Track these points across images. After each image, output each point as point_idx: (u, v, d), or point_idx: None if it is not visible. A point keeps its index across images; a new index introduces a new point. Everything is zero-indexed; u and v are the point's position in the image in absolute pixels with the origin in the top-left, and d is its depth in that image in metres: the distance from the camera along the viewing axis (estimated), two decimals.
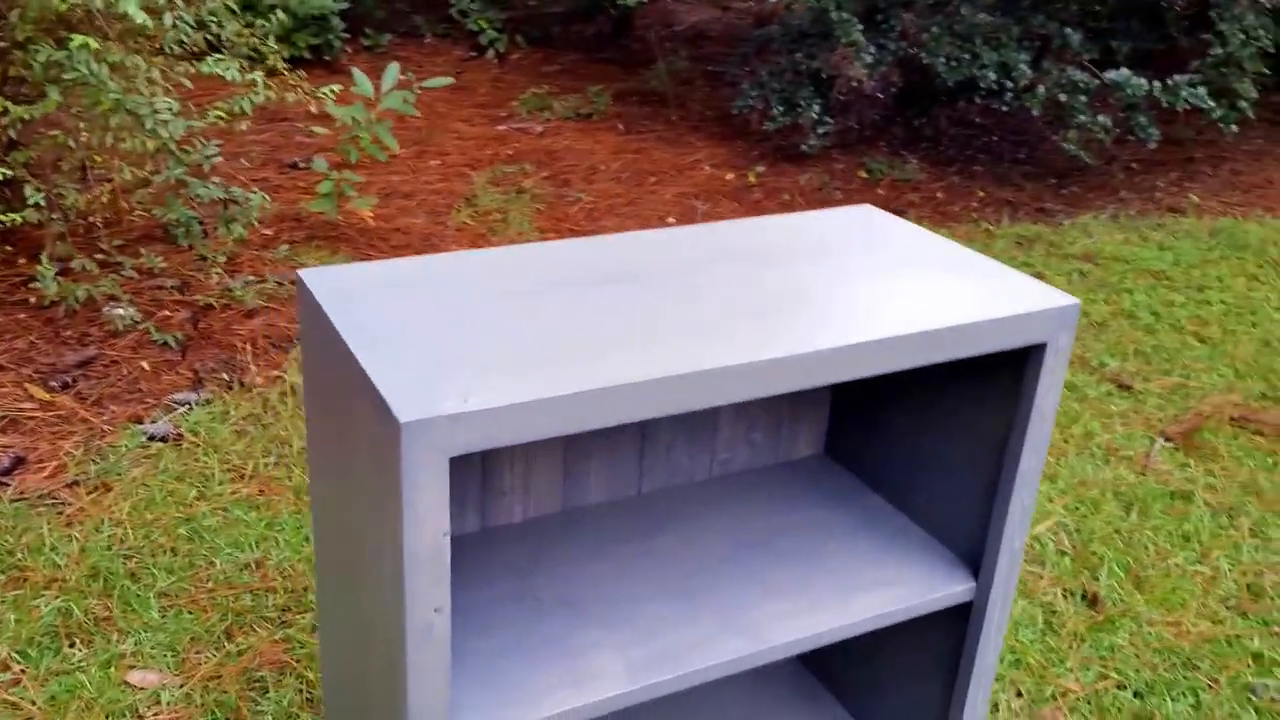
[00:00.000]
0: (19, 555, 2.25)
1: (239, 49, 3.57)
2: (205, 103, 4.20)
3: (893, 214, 1.97)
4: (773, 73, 4.83)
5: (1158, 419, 3.00)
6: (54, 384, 2.82)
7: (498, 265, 1.31)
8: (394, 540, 1.03)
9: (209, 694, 1.95)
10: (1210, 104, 4.35)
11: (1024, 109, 4.65)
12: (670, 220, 4.19)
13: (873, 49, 4.53)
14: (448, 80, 3.90)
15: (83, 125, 3.17)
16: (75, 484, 2.47)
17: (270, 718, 1.91)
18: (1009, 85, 4.53)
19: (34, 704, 1.90)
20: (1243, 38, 4.33)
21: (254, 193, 3.58)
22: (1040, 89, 4.47)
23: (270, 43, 3.68)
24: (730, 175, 4.70)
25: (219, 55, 3.38)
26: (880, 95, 5.74)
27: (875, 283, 1.33)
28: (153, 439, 2.64)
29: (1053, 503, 2.62)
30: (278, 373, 2.96)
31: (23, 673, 1.97)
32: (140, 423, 2.71)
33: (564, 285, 1.26)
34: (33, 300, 3.15)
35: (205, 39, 3.48)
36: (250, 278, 3.43)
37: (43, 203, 3.08)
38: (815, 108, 4.69)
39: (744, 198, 4.46)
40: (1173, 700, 2.06)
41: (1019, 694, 2.06)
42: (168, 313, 3.20)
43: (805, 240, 1.46)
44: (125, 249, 3.46)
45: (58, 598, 2.14)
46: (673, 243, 1.42)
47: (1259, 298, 3.80)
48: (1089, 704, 2.04)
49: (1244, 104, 4.44)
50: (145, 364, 2.95)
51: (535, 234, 3.98)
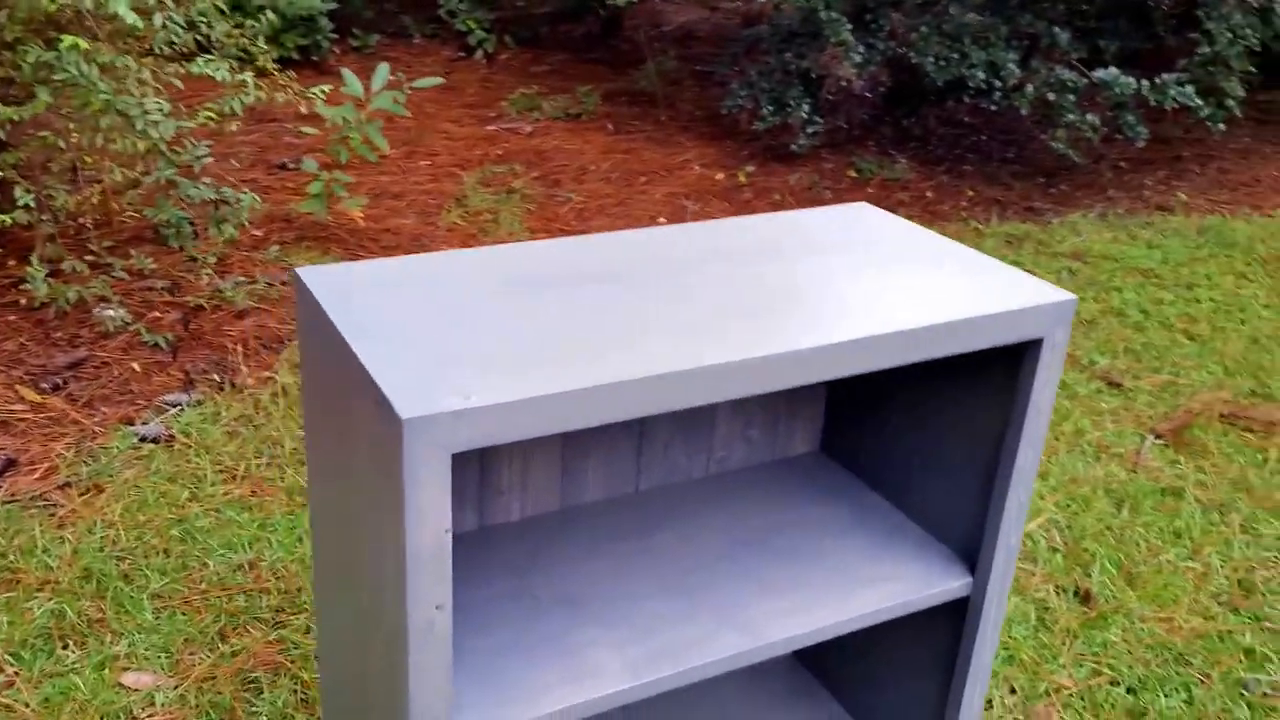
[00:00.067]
0: (11, 557, 2.24)
1: (228, 50, 3.56)
2: (194, 104, 4.19)
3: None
4: (762, 72, 4.84)
5: (1148, 416, 3.01)
6: (45, 386, 2.81)
7: (495, 263, 1.31)
8: (395, 538, 1.03)
9: (203, 695, 1.95)
10: (1198, 103, 4.37)
11: (1012, 108, 4.66)
12: (661, 220, 4.19)
13: (861, 48, 4.54)
14: (438, 80, 3.90)
15: (73, 126, 3.16)
16: (67, 485, 2.47)
17: (265, 718, 1.91)
18: (997, 84, 4.54)
19: (28, 706, 1.90)
20: (1230, 36, 4.35)
21: (244, 193, 3.58)
22: (1029, 88, 4.49)
23: (260, 43, 3.67)
24: (720, 175, 4.70)
25: (209, 56, 3.37)
26: (869, 95, 5.75)
27: (871, 279, 1.34)
28: (144, 440, 2.64)
29: (1044, 500, 2.62)
30: (269, 373, 2.96)
31: (16, 675, 1.96)
32: (131, 424, 2.70)
33: (562, 283, 1.27)
34: (23, 302, 3.14)
35: (195, 39, 3.47)
36: (241, 278, 3.42)
37: (32, 204, 3.07)
38: (805, 107, 4.70)
39: (734, 197, 4.47)
40: (1166, 696, 2.07)
41: (1013, 690, 2.07)
42: (158, 314, 3.19)
43: (801, 238, 1.46)
44: (115, 250, 3.45)
45: (50, 599, 2.14)
46: (668, 241, 1.42)
47: (1247, 295, 3.82)
48: (1082, 700, 2.05)
49: (1231, 103, 4.46)
50: (136, 365, 2.94)
51: (526, 234, 3.98)
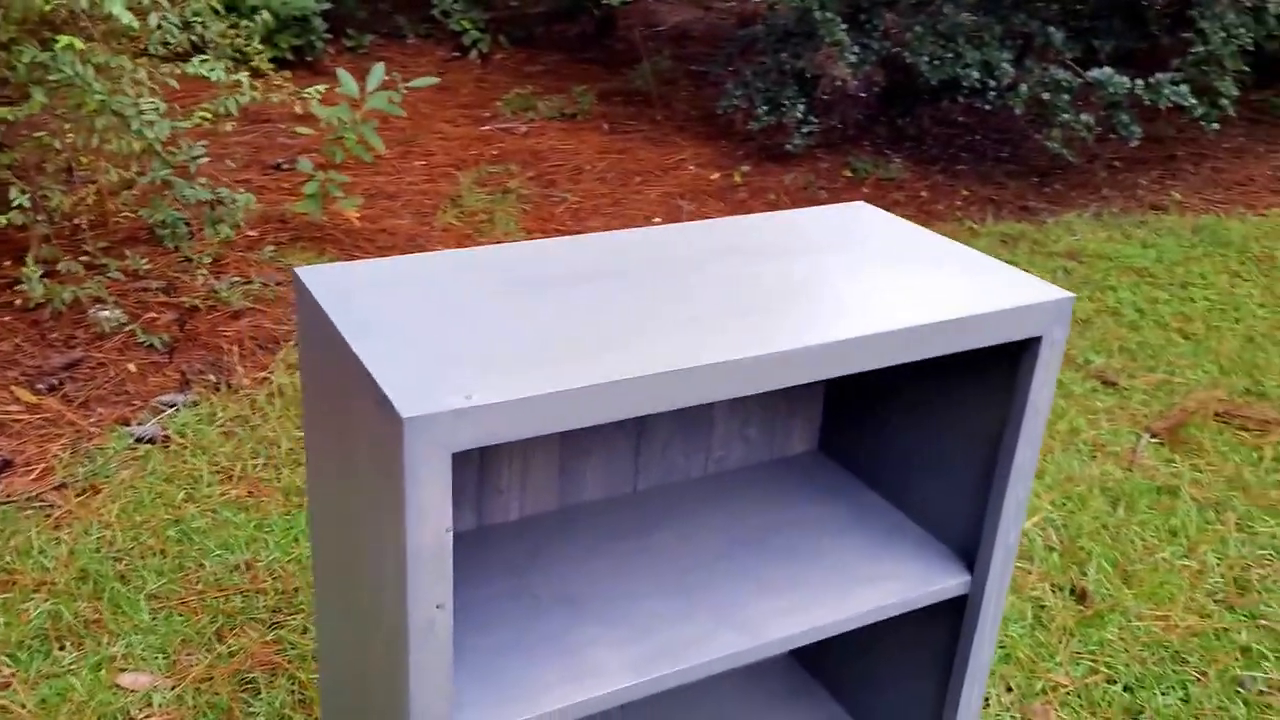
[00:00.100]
0: (7, 558, 2.24)
1: (223, 50, 3.56)
2: (189, 104, 4.18)
3: None
4: (757, 72, 4.84)
5: (1143, 415, 3.02)
6: (40, 386, 2.80)
7: (494, 263, 1.31)
8: (396, 537, 1.03)
9: (201, 696, 1.94)
10: (1192, 102, 4.38)
11: (1007, 108, 4.67)
12: (656, 220, 4.19)
13: (856, 48, 4.54)
14: (433, 80, 3.90)
15: (68, 126, 3.15)
16: (63, 486, 2.46)
17: (263, 719, 1.91)
18: (992, 84, 4.55)
19: (24, 707, 1.89)
20: (1224, 36, 4.36)
21: (240, 193, 3.57)
22: (1023, 88, 4.49)
23: (255, 43, 3.66)
24: (715, 175, 4.71)
25: (204, 56, 3.37)
26: (864, 94, 5.76)
27: (870, 278, 1.34)
28: (140, 441, 2.63)
29: (1040, 499, 2.63)
30: (265, 374, 2.95)
31: (13, 676, 1.96)
32: (127, 425, 2.70)
33: (561, 283, 1.27)
34: (18, 303, 3.13)
35: (190, 40, 3.47)
36: (236, 279, 3.42)
37: (28, 204, 3.06)
38: (800, 107, 4.70)
39: (729, 197, 4.47)
40: (1162, 694, 2.07)
41: (1009, 689, 2.07)
42: (154, 314, 3.19)
43: (799, 237, 1.46)
44: (111, 251, 3.45)
45: (47, 600, 2.13)
46: (667, 240, 1.42)
47: (1242, 294, 3.83)
48: (1079, 698, 2.06)
49: (1225, 102, 4.47)
50: (132, 366, 2.94)
51: (521, 234, 3.98)
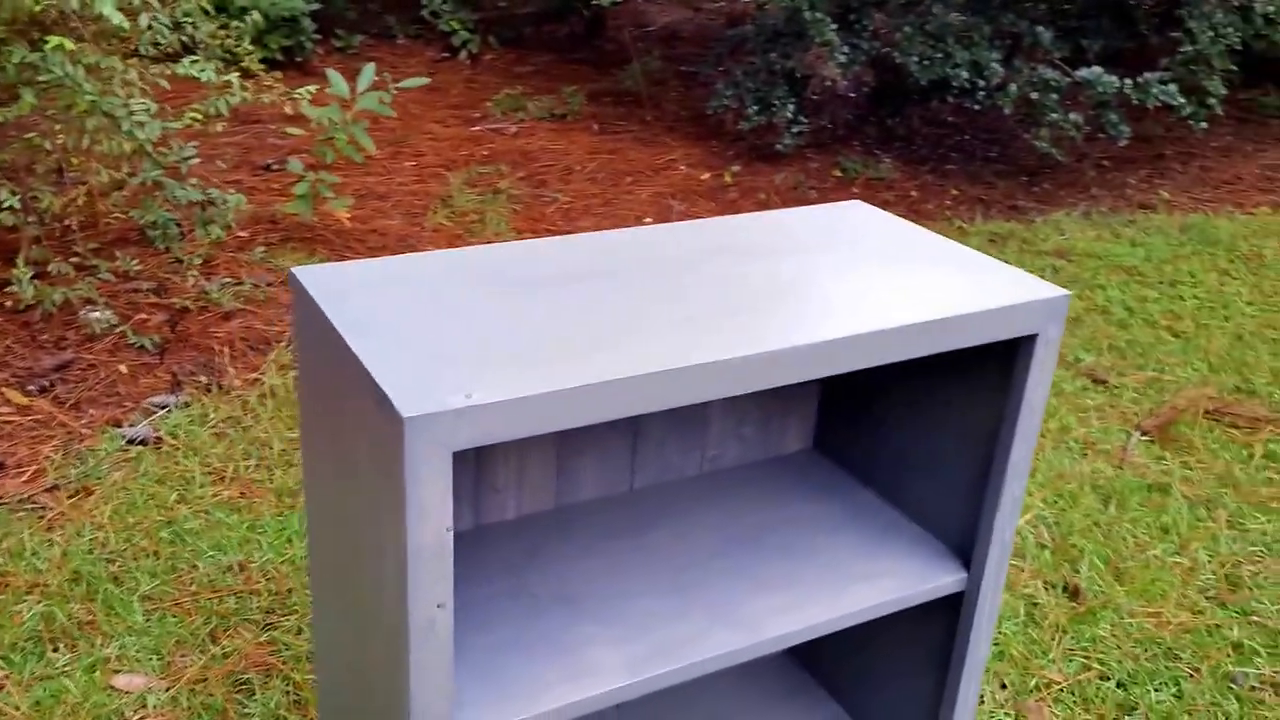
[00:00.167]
0: (0, 560, 2.23)
1: (213, 51, 3.55)
2: (178, 105, 4.17)
3: None
4: (747, 72, 4.85)
5: (1133, 413, 3.03)
6: (31, 388, 2.79)
7: (490, 263, 1.31)
8: (396, 537, 1.03)
9: (195, 697, 1.94)
10: (1180, 101, 4.39)
11: (996, 107, 4.68)
12: (647, 220, 4.20)
13: (846, 48, 4.55)
14: (424, 80, 3.90)
15: (58, 127, 3.14)
16: (55, 488, 2.46)
17: None
18: (981, 84, 4.56)
19: (18, 710, 1.89)
20: (1212, 35, 4.38)
21: (231, 194, 3.57)
22: (1012, 87, 4.51)
23: (245, 44, 3.66)
24: (706, 175, 4.71)
25: (194, 57, 3.36)
26: (854, 95, 5.77)
27: (865, 277, 1.34)
28: (132, 442, 2.63)
29: (1031, 496, 2.64)
30: (256, 375, 2.95)
31: (6, 678, 1.95)
32: (119, 426, 2.69)
33: (558, 283, 1.27)
34: (8, 304, 3.12)
35: (180, 40, 3.46)
36: (227, 280, 3.41)
37: (18, 206, 3.05)
38: (789, 107, 4.71)
39: (720, 197, 4.48)
40: (1155, 690, 2.08)
41: (1003, 686, 2.08)
42: (145, 316, 3.18)
43: (795, 236, 1.47)
44: (101, 252, 3.44)
45: (40, 602, 2.13)
46: (658, 240, 1.42)
47: (1230, 292, 3.85)
48: (1073, 695, 2.06)
49: (1213, 101, 4.49)
50: (123, 367, 2.93)
51: (512, 235, 3.98)
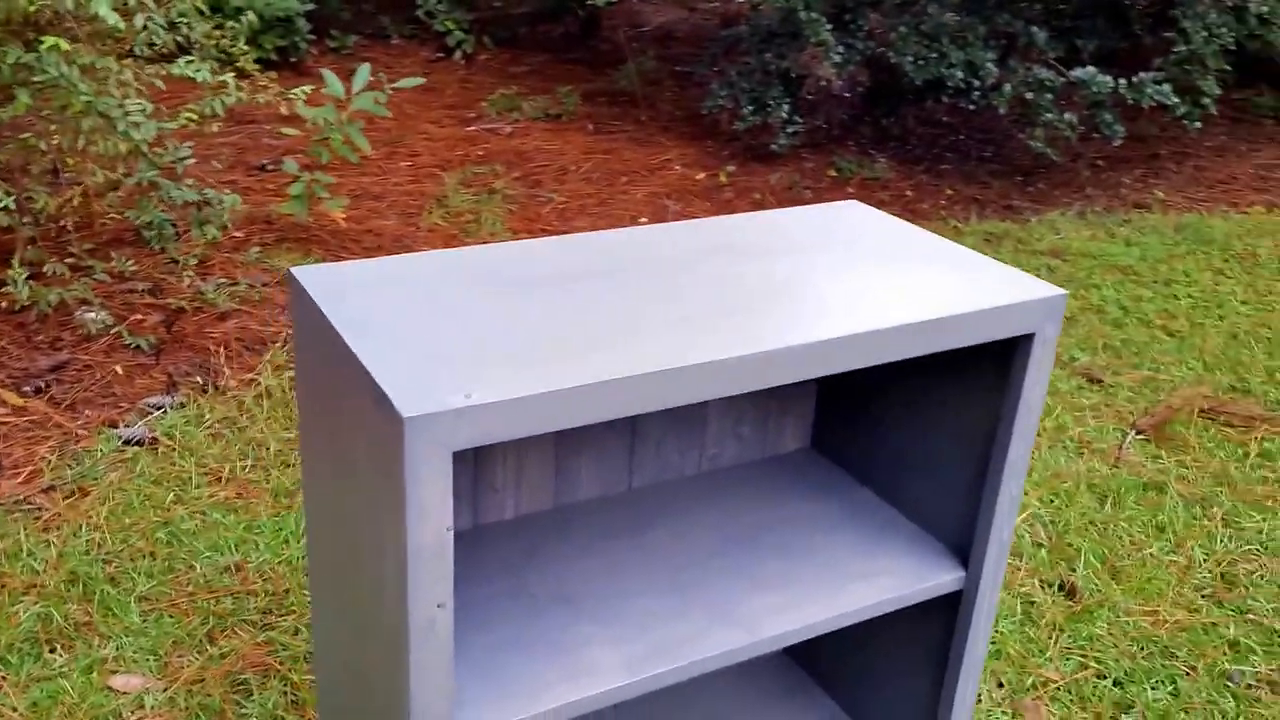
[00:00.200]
0: None
1: (208, 51, 3.55)
2: (174, 105, 4.17)
3: None
4: (742, 72, 4.85)
5: (1129, 412, 3.03)
6: (27, 389, 2.79)
7: (488, 263, 1.31)
8: (396, 537, 1.03)
9: (193, 697, 1.94)
10: (1174, 101, 4.40)
11: (990, 107, 4.69)
12: (642, 220, 4.20)
13: (841, 48, 4.56)
14: (419, 80, 3.89)
15: (53, 128, 3.14)
16: (51, 489, 2.45)
17: None
18: (976, 84, 4.57)
19: (15, 710, 1.88)
20: (1206, 35, 4.39)
21: (226, 194, 3.56)
22: (1006, 87, 4.51)
23: (240, 44, 3.65)
24: (701, 175, 4.71)
25: (189, 57, 3.36)
26: (849, 94, 5.78)
27: (862, 276, 1.35)
28: (128, 443, 2.63)
29: (1027, 495, 2.64)
30: (252, 375, 2.95)
31: (3, 679, 1.95)
32: (115, 427, 2.69)
33: (550, 283, 1.27)
34: (4, 305, 3.12)
35: (175, 41, 3.46)
36: (222, 280, 3.41)
37: (13, 206, 3.05)
38: (784, 107, 4.71)
39: (715, 197, 4.48)
40: (1152, 688, 2.09)
41: (1000, 684, 2.08)
42: (140, 316, 3.18)
43: (792, 235, 1.47)
44: (96, 252, 3.44)
45: (36, 603, 2.12)
46: (654, 240, 1.42)
47: (1225, 291, 3.85)
48: (1069, 693, 2.07)
49: (1207, 101, 4.50)
50: (119, 368, 2.92)
51: (508, 235, 3.98)
